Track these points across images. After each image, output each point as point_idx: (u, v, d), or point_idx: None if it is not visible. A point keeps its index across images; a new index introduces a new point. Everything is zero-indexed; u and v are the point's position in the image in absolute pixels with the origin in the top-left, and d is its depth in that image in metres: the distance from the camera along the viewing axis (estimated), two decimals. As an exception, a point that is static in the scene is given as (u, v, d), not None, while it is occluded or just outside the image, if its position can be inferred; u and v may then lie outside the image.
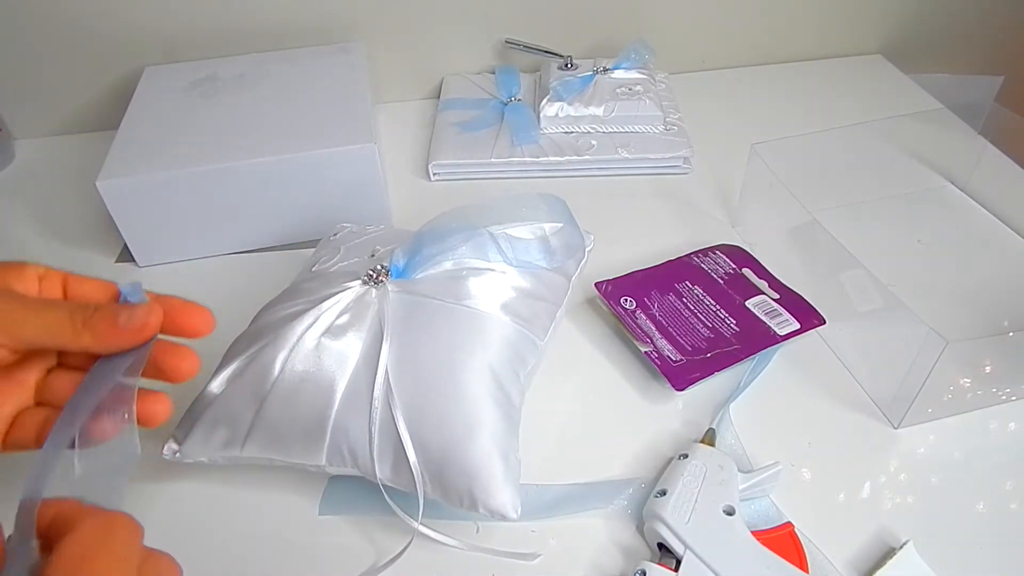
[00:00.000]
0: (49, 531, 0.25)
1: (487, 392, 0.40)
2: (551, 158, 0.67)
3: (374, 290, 0.42)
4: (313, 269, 0.47)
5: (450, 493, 0.38)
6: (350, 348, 0.40)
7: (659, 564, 0.38)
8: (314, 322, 0.41)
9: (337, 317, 0.41)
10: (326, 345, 0.40)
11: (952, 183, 0.65)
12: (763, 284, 0.53)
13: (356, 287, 0.43)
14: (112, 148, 0.58)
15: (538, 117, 0.69)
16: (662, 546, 0.39)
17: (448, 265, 0.44)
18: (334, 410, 0.39)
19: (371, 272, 0.43)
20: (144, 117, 0.62)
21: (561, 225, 0.48)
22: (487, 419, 0.39)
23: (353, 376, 0.40)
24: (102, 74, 0.73)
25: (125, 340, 0.30)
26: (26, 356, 0.31)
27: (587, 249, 0.51)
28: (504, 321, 0.42)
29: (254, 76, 0.66)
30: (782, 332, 0.50)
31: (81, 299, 0.32)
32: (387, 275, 0.43)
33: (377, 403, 0.38)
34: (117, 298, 0.32)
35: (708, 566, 0.37)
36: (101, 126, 0.75)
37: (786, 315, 0.51)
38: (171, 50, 0.72)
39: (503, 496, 0.38)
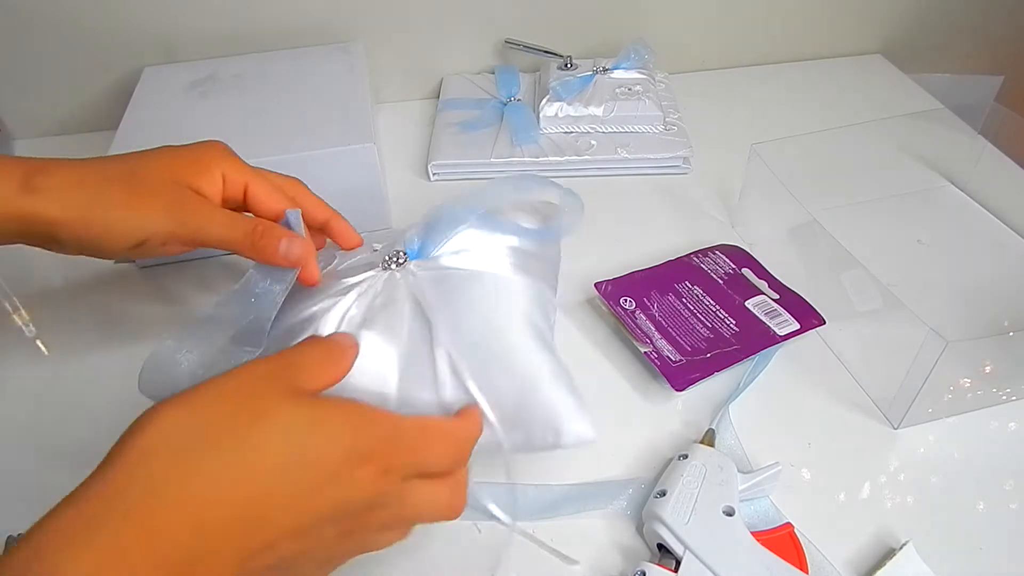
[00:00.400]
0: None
1: (535, 342, 0.41)
2: (551, 158, 0.67)
3: (397, 273, 0.42)
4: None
5: (533, 437, 0.39)
6: (393, 330, 0.40)
7: (658, 565, 0.38)
8: (345, 313, 0.40)
9: (371, 302, 0.41)
10: (367, 336, 0.39)
11: (952, 183, 0.65)
12: (763, 284, 0.53)
13: (377, 273, 0.42)
14: (112, 148, 0.58)
15: (538, 117, 0.69)
16: (662, 547, 0.39)
17: (458, 242, 0.44)
18: (394, 392, 0.39)
19: (389, 257, 0.43)
20: (144, 117, 0.62)
21: (554, 196, 0.48)
22: (544, 363, 0.40)
23: (404, 356, 0.39)
24: (101, 74, 0.73)
25: (280, 263, 0.39)
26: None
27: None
28: (525, 281, 0.43)
29: (253, 76, 0.66)
30: (782, 332, 0.50)
31: (256, 205, 0.40)
32: (406, 257, 0.43)
33: (444, 376, 0.39)
34: (280, 218, 0.41)
35: (708, 567, 0.37)
36: (100, 126, 0.75)
37: (786, 315, 0.51)
38: (171, 50, 0.72)
39: (582, 421, 0.39)
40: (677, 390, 0.47)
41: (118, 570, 0.22)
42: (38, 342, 0.54)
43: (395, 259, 0.43)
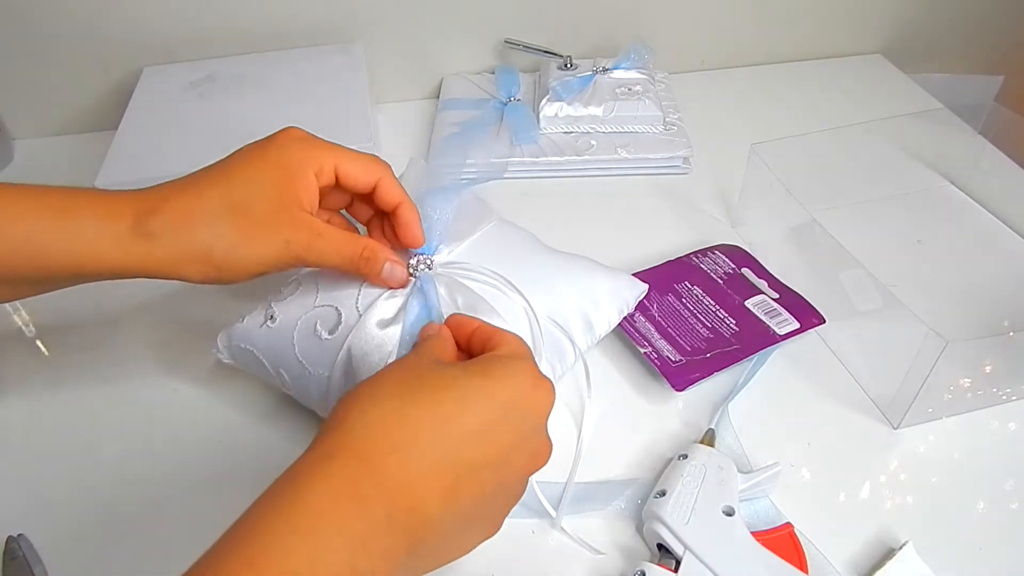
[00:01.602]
0: (472, 339, 0.35)
1: (551, 253, 0.49)
2: (551, 158, 0.67)
3: (425, 276, 0.44)
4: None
5: (610, 316, 0.47)
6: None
7: (659, 565, 0.37)
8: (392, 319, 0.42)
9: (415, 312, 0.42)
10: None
11: (952, 183, 0.65)
12: (763, 284, 0.53)
13: (411, 284, 0.43)
14: (111, 148, 0.58)
15: (538, 117, 0.69)
16: (661, 547, 0.39)
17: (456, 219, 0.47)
18: None
19: (411, 266, 0.44)
20: (143, 117, 0.62)
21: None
22: (569, 260, 0.49)
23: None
24: (101, 74, 0.73)
25: (381, 285, 0.42)
26: None
27: None
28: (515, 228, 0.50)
29: (253, 76, 0.66)
30: (782, 332, 0.50)
31: (350, 183, 0.41)
32: (428, 262, 0.44)
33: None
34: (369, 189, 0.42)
35: (707, 567, 0.37)
36: (100, 126, 0.75)
37: (786, 315, 0.51)
38: (170, 51, 0.72)
39: (630, 280, 0.49)
40: (677, 390, 0.47)
41: (351, 497, 0.27)
42: (38, 342, 0.54)
43: (425, 266, 0.44)
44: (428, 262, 0.44)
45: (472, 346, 0.36)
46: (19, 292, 0.40)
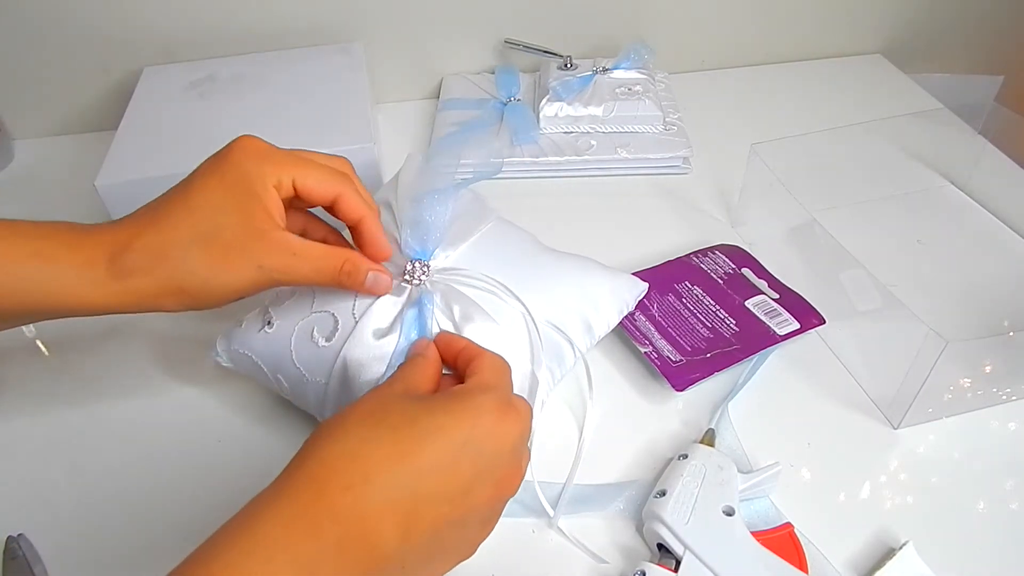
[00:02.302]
0: (458, 359, 0.37)
1: (550, 253, 0.49)
2: (550, 158, 0.67)
3: (425, 285, 0.43)
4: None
5: (609, 318, 0.47)
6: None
7: (659, 565, 0.37)
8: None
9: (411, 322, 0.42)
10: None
11: (952, 183, 0.65)
12: (763, 284, 0.53)
13: (406, 291, 0.43)
14: (111, 148, 0.58)
15: (538, 117, 0.69)
16: (662, 547, 0.39)
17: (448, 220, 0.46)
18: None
19: (408, 273, 0.43)
20: (143, 117, 0.62)
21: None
22: (569, 260, 0.49)
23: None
24: (101, 74, 0.73)
25: (366, 294, 0.42)
26: None
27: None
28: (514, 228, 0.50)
29: (253, 76, 0.66)
30: (782, 332, 0.50)
31: (309, 198, 0.40)
32: (424, 268, 0.44)
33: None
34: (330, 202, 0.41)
35: (708, 567, 0.37)
36: (100, 126, 0.75)
37: (786, 315, 0.51)
38: (170, 50, 0.72)
39: (630, 280, 0.49)
40: (677, 390, 0.47)
41: (303, 524, 0.28)
42: (38, 342, 0.54)
43: (421, 272, 0.43)
44: (425, 268, 0.43)
45: (459, 365, 0.36)
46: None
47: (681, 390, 0.47)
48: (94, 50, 0.71)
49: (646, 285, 0.50)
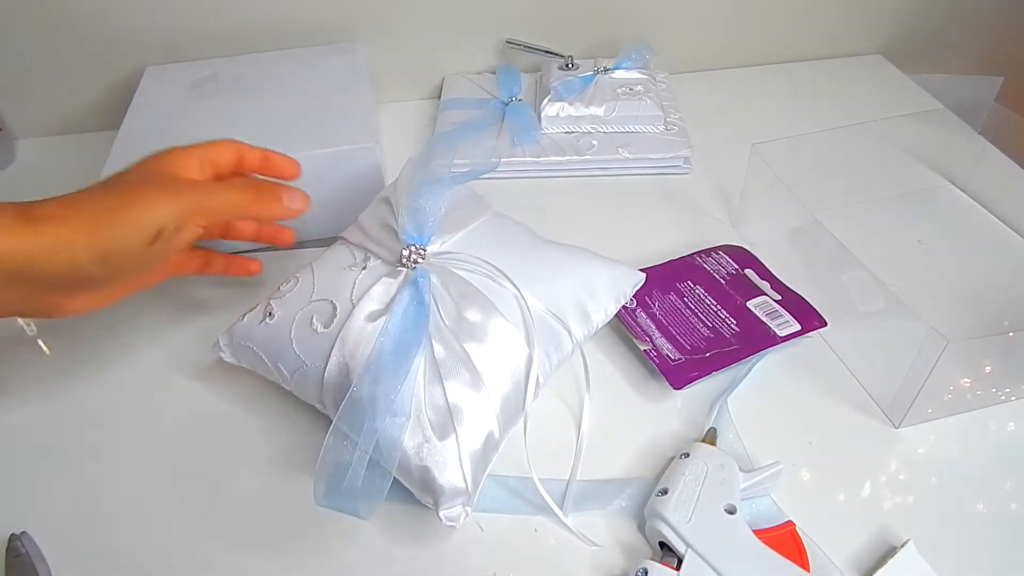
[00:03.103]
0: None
1: (552, 245, 0.50)
2: (552, 158, 0.67)
3: (419, 268, 0.44)
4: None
5: (607, 308, 0.48)
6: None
7: (661, 563, 0.38)
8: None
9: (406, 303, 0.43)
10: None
11: (952, 183, 0.66)
12: (765, 285, 0.53)
13: (402, 274, 0.44)
14: (114, 147, 0.58)
15: (539, 117, 0.69)
16: (663, 545, 0.39)
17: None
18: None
19: (406, 257, 0.44)
20: (146, 117, 0.62)
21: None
22: (570, 252, 0.49)
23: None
24: (103, 74, 0.73)
25: (284, 216, 0.43)
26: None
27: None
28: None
29: (255, 76, 0.66)
30: (782, 333, 0.50)
31: (220, 162, 0.44)
32: (422, 251, 0.45)
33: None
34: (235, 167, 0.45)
35: (710, 565, 0.37)
36: (102, 126, 0.75)
37: (787, 316, 0.51)
38: (172, 50, 0.72)
39: (628, 270, 0.50)
40: (675, 388, 0.47)
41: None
42: (39, 342, 0.54)
43: (417, 256, 0.44)
44: (421, 252, 0.44)
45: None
46: None
47: (679, 388, 0.47)
48: (96, 50, 0.71)
49: (643, 276, 0.50)
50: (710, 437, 0.44)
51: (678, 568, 0.37)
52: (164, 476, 0.45)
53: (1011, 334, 0.45)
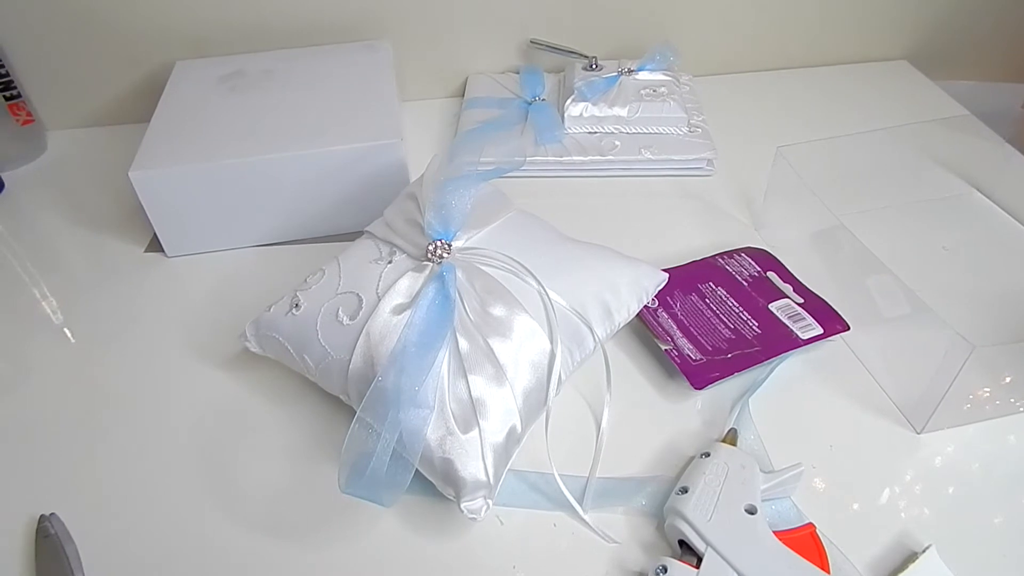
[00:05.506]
0: None
1: (574, 243, 0.49)
2: (574, 158, 0.67)
3: (445, 263, 0.45)
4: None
5: (630, 306, 0.48)
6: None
7: (680, 561, 0.38)
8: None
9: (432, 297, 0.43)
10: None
11: (978, 190, 0.65)
12: (788, 288, 0.53)
13: (428, 268, 0.45)
14: (144, 140, 0.59)
15: (562, 117, 0.70)
16: (683, 543, 0.39)
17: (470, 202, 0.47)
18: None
19: (432, 252, 0.45)
20: (175, 110, 0.63)
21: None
22: (592, 249, 0.49)
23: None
24: (134, 68, 0.74)
25: None
26: None
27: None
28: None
29: (282, 72, 0.67)
30: (804, 336, 0.49)
31: None
32: (448, 246, 0.45)
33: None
34: None
35: (730, 564, 0.37)
36: (132, 118, 0.76)
37: (809, 320, 0.51)
38: (201, 45, 0.73)
39: (651, 269, 0.50)
40: (696, 388, 0.47)
41: None
42: (65, 330, 0.55)
43: (443, 251, 0.45)
44: (446, 247, 0.45)
45: None
46: None
47: (699, 388, 0.47)
48: (127, 44, 0.72)
49: (666, 276, 0.50)
50: (731, 437, 0.44)
51: (698, 567, 0.37)
52: (188, 461, 0.46)
53: (1037, 342, 0.45)
